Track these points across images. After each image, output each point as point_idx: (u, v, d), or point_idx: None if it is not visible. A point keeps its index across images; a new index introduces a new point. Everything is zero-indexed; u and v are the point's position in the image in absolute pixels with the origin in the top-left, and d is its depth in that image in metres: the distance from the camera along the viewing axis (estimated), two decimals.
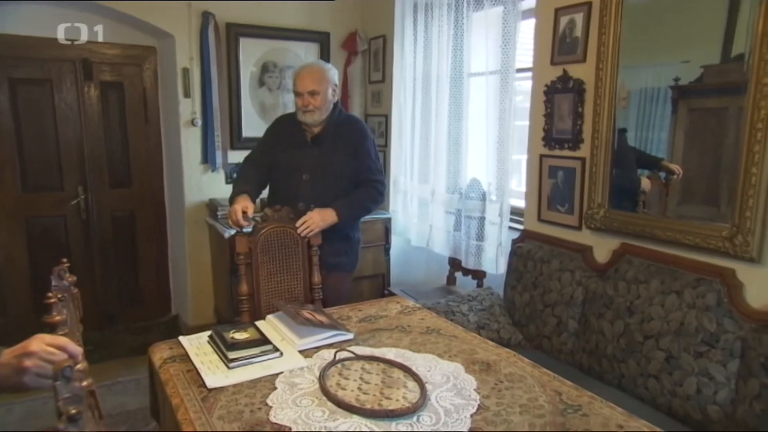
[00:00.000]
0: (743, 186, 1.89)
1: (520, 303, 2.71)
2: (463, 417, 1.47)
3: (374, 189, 2.71)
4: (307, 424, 1.42)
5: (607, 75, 2.34)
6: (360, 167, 2.69)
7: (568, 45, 2.56)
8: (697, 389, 1.89)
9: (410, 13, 3.65)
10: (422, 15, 3.56)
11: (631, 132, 2.43)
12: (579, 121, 2.54)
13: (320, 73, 2.64)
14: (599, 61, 2.37)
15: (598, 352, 2.28)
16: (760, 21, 1.82)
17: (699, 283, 2.00)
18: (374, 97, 4.28)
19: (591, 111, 2.45)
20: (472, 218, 3.31)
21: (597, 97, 2.40)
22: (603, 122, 2.39)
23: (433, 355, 1.85)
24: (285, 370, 1.73)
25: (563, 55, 2.60)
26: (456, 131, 3.43)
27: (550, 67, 2.67)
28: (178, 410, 1.51)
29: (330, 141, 2.68)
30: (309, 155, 2.68)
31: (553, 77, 2.64)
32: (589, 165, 2.48)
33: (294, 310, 2.06)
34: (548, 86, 2.68)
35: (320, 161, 2.66)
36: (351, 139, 2.70)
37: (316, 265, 2.54)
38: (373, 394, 1.57)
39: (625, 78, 2.34)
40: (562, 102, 2.62)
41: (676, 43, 2.28)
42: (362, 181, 2.70)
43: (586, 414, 1.49)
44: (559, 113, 2.64)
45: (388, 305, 2.39)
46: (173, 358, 1.83)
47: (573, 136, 2.58)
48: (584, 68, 2.48)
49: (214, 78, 3.79)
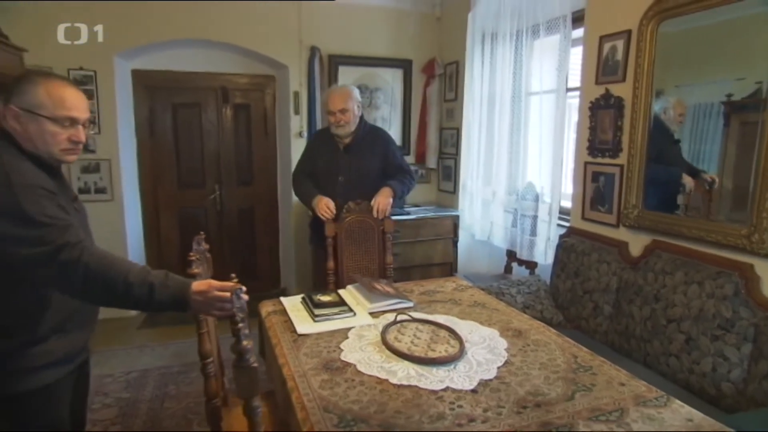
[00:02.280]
0: (761, 189, 1.84)
1: (563, 289, 2.72)
2: (491, 368, 1.56)
3: (407, 176, 2.85)
4: (368, 363, 1.58)
5: (642, 92, 2.32)
6: (391, 165, 2.82)
7: (610, 67, 2.54)
8: (712, 368, 1.86)
9: (479, 42, 3.70)
10: (489, 44, 3.60)
11: (685, 144, 2.31)
12: (618, 133, 2.51)
13: (347, 94, 2.73)
14: (636, 80, 2.35)
15: (627, 333, 2.27)
16: None
17: (719, 275, 1.96)
18: (448, 113, 4.35)
19: (629, 124, 2.43)
20: (526, 216, 3.33)
21: (633, 112, 2.38)
22: (638, 134, 2.37)
23: (475, 322, 1.94)
24: (356, 325, 1.90)
25: (606, 75, 2.58)
26: (515, 142, 3.44)
27: (594, 86, 2.65)
28: (276, 348, 1.74)
29: (359, 149, 2.79)
30: (343, 161, 2.79)
31: (597, 95, 2.63)
32: (626, 171, 2.46)
33: (368, 282, 2.22)
34: (593, 103, 2.66)
35: (352, 166, 2.78)
36: (377, 146, 2.82)
37: (389, 249, 2.69)
38: (421, 347, 1.70)
39: (681, 96, 2.26)
40: (604, 116, 2.60)
41: (732, 62, 2.09)
42: (395, 173, 2.82)
43: (594, 373, 1.55)
44: (601, 126, 2.63)
45: (445, 283, 2.48)
46: (275, 312, 2.06)
47: (613, 146, 2.55)
48: (623, 87, 2.46)
49: (318, 99, 4.03)
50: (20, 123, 1.34)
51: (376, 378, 1.50)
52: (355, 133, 2.78)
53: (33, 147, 1.36)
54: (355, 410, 1.33)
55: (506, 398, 1.40)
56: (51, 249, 1.21)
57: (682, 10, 2.13)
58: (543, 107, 3.21)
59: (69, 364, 1.45)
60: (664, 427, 1.28)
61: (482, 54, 3.68)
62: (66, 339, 1.43)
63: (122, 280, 1.24)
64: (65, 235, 1.23)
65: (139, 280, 1.25)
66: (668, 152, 2.36)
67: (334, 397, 1.39)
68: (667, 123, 2.33)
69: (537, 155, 3.29)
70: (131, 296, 1.24)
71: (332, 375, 1.52)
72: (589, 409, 1.36)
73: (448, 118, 4.34)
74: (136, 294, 1.24)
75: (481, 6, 3.61)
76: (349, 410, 1.33)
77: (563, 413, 1.33)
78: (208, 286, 1.29)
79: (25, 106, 1.33)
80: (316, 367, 1.57)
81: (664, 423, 1.30)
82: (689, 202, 2.35)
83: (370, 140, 2.83)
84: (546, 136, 3.17)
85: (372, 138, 2.84)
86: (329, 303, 2.05)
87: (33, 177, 1.29)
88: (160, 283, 1.26)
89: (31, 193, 1.24)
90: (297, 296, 2.21)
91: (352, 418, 1.30)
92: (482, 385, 1.46)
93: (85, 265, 1.22)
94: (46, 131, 1.35)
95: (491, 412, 1.33)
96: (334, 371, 1.55)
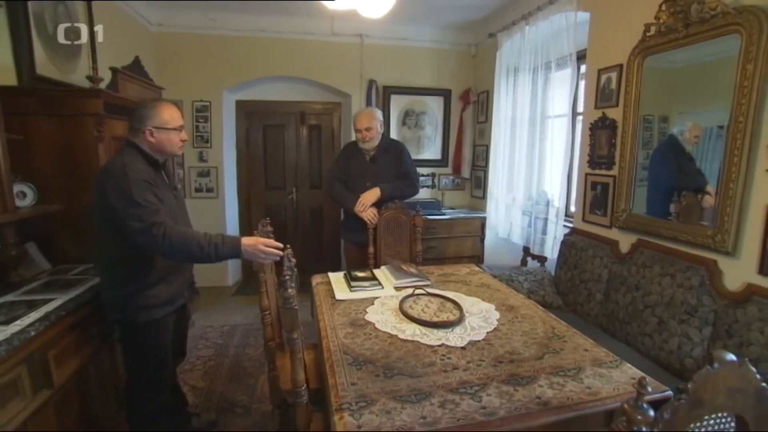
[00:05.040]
0: (723, 196, 1.79)
1: (564, 279, 2.72)
2: (482, 332, 1.65)
3: (409, 181, 2.82)
4: (384, 323, 1.72)
5: (630, 115, 2.29)
6: (400, 170, 2.82)
7: (606, 94, 2.52)
8: (678, 346, 1.84)
9: (504, 75, 3.71)
10: (512, 76, 3.61)
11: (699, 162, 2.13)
12: (612, 149, 2.49)
13: (371, 115, 2.75)
14: (626, 106, 2.32)
15: (613, 316, 2.25)
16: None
17: (688, 269, 1.92)
18: (480, 133, 4.38)
19: (620, 142, 2.40)
20: (539, 218, 3.32)
21: (624, 131, 2.35)
22: (627, 150, 2.34)
23: (478, 298, 2.01)
24: (382, 296, 2.02)
25: (603, 101, 2.56)
26: (532, 156, 3.43)
27: (594, 110, 2.63)
28: (318, 309, 1.91)
29: (381, 159, 2.81)
30: (369, 170, 2.82)
31: (596, 117, 2.61)
32: (618, 180, 2.44)
33: (397, 264, 2.35)
34: (592, 124, 2.64)
35: (376, 173, 2.80)
36: (395, 156, 2.84)
37: (418, 239, 2.78)
38: (429, 314, 1.80)
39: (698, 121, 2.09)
40: (601, 135, 2.58)
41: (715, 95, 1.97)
42: (401, 176, 2.82)
43: (565, 340, 1.59)
44: (599, 143, 2.60)
45: (461, 269, 2.53)
46: (322, 283, 2.24)
47: (608, 160, 2.53)
48: (617, 111, 2.44)
49: None
50: (155, 137, 1.65)
51: (388, 334, 1.62)
52: (378, 146, 2.82)
53: (160, 152, 1.68)
54: (367, 354, 1.47)
55: (488, 355, 1.47)
56: (145, 225, 1.49)
57: (659, 48, 2.10)
58: (555, 128, 3.19)
59: (171, 306, 1.74)
60: (611, 383, 1.33)
61: (507, 85, 3.70)
62: (168, 286, 1.72)
63: (196, 244, 1.53)
64: (154, 216, 1.51)
65: (206, 242, 1.54)
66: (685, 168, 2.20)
67: (353, 345, 1.54)
68: (683, 143, 2.19)
69: (549, 167, 3.28)
70: (204, 253, 1.53)
71: (355, 329, 1.67)
72: (553, 366, 1.41)
73: (480, 137, 4.37)
74: (206, 251, 1.53)
75: (506, 46, 3.64)
76: (362, 354, 1.47)
77: (530, 368, 1.40)
78: (256, 241, 1.58)
79: (158, 125, 1.65)
80: (344, 323, 1.72)
81: (612, 379, 1.34)
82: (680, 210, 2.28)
83: (390, 151, 2.85)
84: (557, 152, 3.15)
85: (391, 149, 2.87)
86: (364, 278, 2.20)
87: (142, 172, 1.58)
88: (221, 242, 1.56)
89: (138, 183, 1.53)
90: (341, 272, 2.36)
91: (363, 359, 1.44)
92: (471, 344, 1.54)
93: (169, 238, 1.50)
94: (171, 139, 1.68)
95: (473, 364, 1.42)
96: (357, 327, 1.69)
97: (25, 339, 1.38)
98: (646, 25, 2.15)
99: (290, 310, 1.30)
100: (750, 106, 1.67)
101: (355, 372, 1.36)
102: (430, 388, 1.28)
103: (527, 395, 1.26)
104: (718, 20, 1.79)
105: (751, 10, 1.66)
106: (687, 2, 1.92)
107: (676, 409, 0.72)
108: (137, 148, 1.66)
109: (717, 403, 0.75)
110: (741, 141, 1.70)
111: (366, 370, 1.38)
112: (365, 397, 1.23)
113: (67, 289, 1.77)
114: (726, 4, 1.77)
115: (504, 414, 1.17)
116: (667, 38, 2.05)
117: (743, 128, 1.70)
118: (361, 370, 1.37)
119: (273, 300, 1.92)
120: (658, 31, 2.09)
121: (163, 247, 1.50)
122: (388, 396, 1.24)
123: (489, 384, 1.31)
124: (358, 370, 1.38)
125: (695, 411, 0.74)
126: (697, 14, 1.88)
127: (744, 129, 1.69)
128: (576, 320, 2.38)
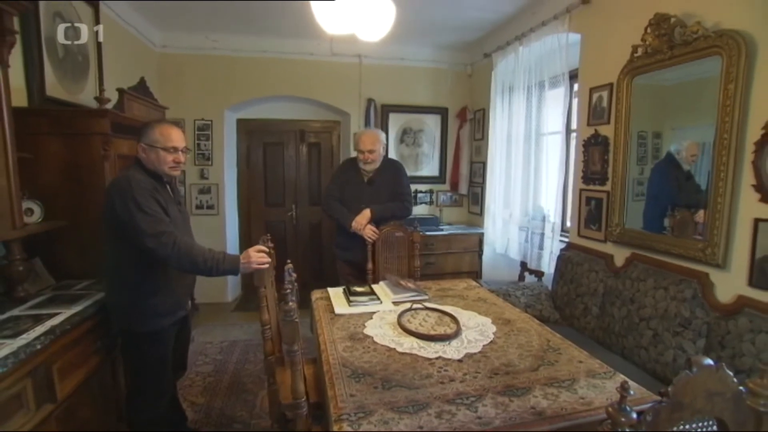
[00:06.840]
0: (713, 211, 1.85)
1: (561, 293, 2.75)
2: (478, 345, 1.68)
3: (402, 202, 2.82)
4: (382, 337, 1.75)
5: (622, 132, 2.36)
6: (396, 190, 2.83)
7: (598, 112, 2.60)
8: (673, 358, 1.87)
9: (500, 94, 3.80)
10: (507, 95, 3.69)
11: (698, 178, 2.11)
12: (605, 165, 2.55)
13: (375, 137, 2.74)
14: (617, 123, 2.40)
15: (609, 329, 2.28)
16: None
17: (681, 282, 1.97)
18: (476, 150, 4.45)
19: (612, 158, 2.47)
20: (536, 233, 3.36)
21: (615, 148, 2.43)
22: (620, 166, 2.40)
23: (475, 312, 2.04)
24: (380, 310, 2.05)
25: (595, 119, 2.63)
26: (528, 173, 3.48)
27: (587, 127, 2.71)
28: (318, 323, 1.94)
29: (379, 181, 2.81)
30: (366, 192, 2.80)
31: (589, 134, 2.68)
32: (611, 196, 2.49)
33: (395, 279, 2.39)
34: (585, 141, 2.71)
35: (372, 195, 2.79)
36: (392, 176, 2.84)
37: (416, 255, 2.82)
38: (427, 327, 1.83)
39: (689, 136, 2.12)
40: (594, 152, 2.65)
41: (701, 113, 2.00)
42: (396, 197, 2.83)
43: (560, 353, 1.62)
44: (592, 159, 2.67)
45: (458, 284, 2.56)
46: (321, 298, 2.27)
47: (601, 176, 2.59)
48: (609, 128, 2.51)
49: None
50: (146, 153, 1.75)
51: (386, 347, 1.65)
52: (378, 168, 2.82)
53: (153, 167, 1.77)
54: (365, 367, 1.50)
55: (484, 367, 1.50)
56: (156, 232, 1.59)
57: (646, 68, 2.19)
58: (550, 145, 3.25)
59: (171, 317, 1.81)
60: (604, 394, 1.36)
61: (502, 103, 3.78)
62: (169, 296, 1.79)
63: (201, 258, 1.64)
64: (160, 225, 1.61)
65: (210, 257, 1.66)
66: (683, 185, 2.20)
67: (351, 358, 1.57)
68: (681, 161, 2.21)
69: (545, 183, 3.32)
70: (207, 267, 1.65)
71: (354, 343, 1.70)
72: (548, 377, 1.44)
73: (477, 154, 4.44)
74: (209, 266, 1.65)
75: (501, 66, 3.75)
76: (361, 367, 1.51)
77: (525, 379, 1.43)
78: (246, 253, 1.73)
79: (148, 143, 1.74)
80: (343, 337, 1.75)
81: (605, 389, 1.37)
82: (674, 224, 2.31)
83: (387, 172, 2.85)
84: (552, 168, 3.20)
85: (390, 170, 2.87)
86: (363, 293, 2.23)
87: (144, 182, 1.68)
88: (222, 258, 1.68)
89: (141, 192, 1.63)
90: (340, 288, 2.40)
91: (362, 372, 1.47)
92: (467, 357, 1.57)
93: (178, 247, 1.61)
94: (159, 156, 1.75)
95: (469, 376, 1.44)
96: (356, 340, 1.72)
97: (31, 352, 1.41)
98: (634, 46, 2.25)
99: (291, 322, 1.33)
100: (733, 124, 1.74)
101: (354, 384, 1.39)
102: (428, 399, 1.31)
103: (522, 405, 1.29)
104: (700, 43, 1.88)
105: (729, 34, 1.75)
106: (670, 26, 2.01)
107: (657, 411, 0.76)
108: (140, 164, 1.76)
109: (697, 406, 0.79)
110: (726, 157, 1.76)
111: (365, 382, 1.41)
112: (364, 408, 1.26)
113: (72, 303, 1.81)
114: (707, 28, 1.86)
115: (499, 424, 1.20)
116: (653, 59, 2.14)
117: (728, 144, 1.77)
118: (359, 382, 1.40)
119: (273, 314, 1.95)
120: (644, 52, 2.19)
121: (172, 255, 1.61)
122: (386, 407, 1.27)
123: (485, 395, 1.34)
124: (357, 382, 1.41)
125: (676, 414, 0.78)
126: (680, 37, 1.97)
127: (729, 145, 1.76)
128: (573, 334, 2.41)
